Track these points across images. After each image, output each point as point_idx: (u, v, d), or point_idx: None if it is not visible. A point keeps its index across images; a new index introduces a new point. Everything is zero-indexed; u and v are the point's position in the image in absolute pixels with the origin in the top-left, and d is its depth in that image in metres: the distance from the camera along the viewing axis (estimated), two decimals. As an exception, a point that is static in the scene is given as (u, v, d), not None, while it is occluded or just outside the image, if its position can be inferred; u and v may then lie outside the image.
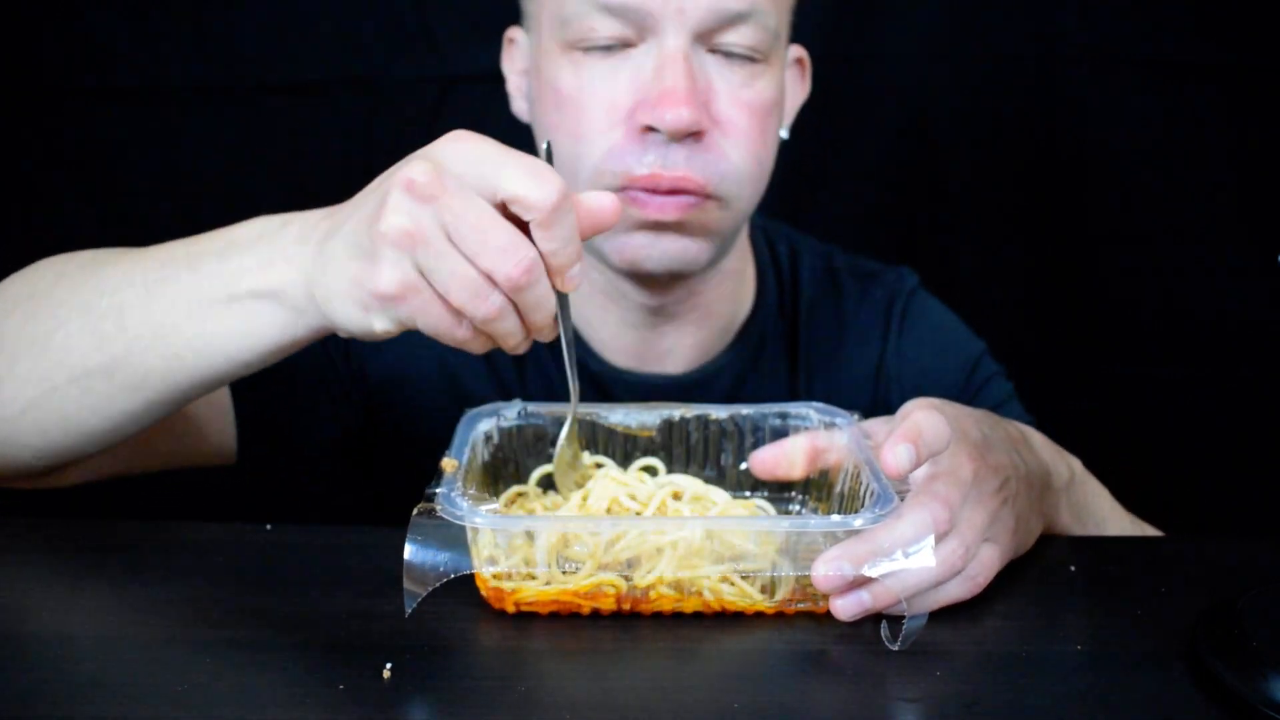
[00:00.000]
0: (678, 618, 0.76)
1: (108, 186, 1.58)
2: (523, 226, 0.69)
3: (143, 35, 1.55)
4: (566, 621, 0.75)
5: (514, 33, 1.11)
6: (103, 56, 1.55)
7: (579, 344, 1.12)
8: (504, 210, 0.69)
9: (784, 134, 1.08)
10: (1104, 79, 1.58)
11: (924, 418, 0.76)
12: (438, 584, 0.69)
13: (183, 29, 1.55)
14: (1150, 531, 1.08)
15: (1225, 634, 0.70)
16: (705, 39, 0.97)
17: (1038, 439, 0.95)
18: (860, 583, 0.73)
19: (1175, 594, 0.80)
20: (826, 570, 0.72)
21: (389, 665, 0.68)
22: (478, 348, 0.72)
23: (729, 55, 0.98)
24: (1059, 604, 0.81)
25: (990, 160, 1.63)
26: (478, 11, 1.06)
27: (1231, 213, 1.61)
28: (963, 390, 1.16)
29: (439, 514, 0.71)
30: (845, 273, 1.22)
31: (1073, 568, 0.85)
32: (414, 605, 0.69)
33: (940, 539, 0.73)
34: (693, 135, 0.96)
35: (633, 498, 0.83)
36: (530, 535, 0.74)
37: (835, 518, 0.75)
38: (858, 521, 0.72)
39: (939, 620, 0.74)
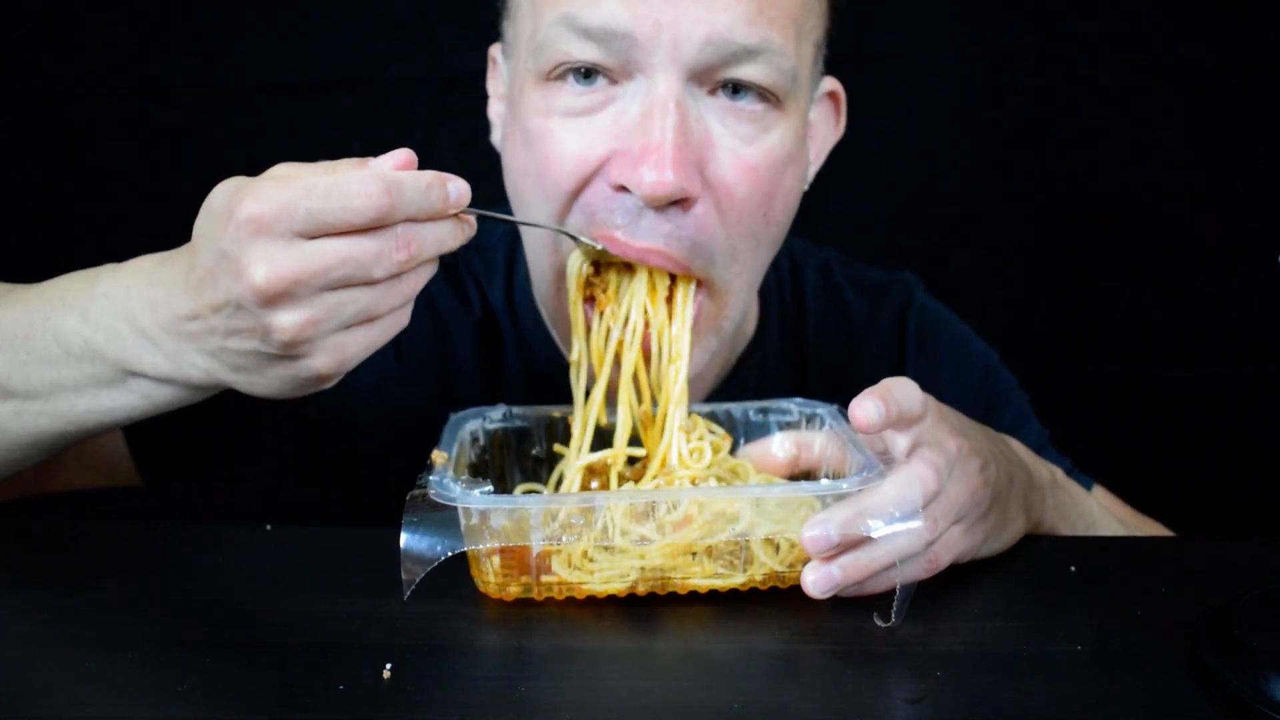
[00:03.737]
0: (677, 618, 0.76)
1: (108, 186, 1.59)
2: None
3: (143, 36, 1.55)
4: (567, 622, 0.76)
5: (495, 52, 0.99)
6: (103, 57, 1.55)
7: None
8: None
9: (804, 186, 0.96)
10: (1105, 79, 1.58)
11: (895, 382, 0.76)
12: (434, 564, 0.70)
13: (183, 29, 1.55)
14: (1150, 526, 1.07)
15: (1225, 634, 0.70)
16: (704, 78, 0.82)
17: (1015, 443, 0.94)
18: (836, 555, 0.73)
19: (1175, 594, 0.80)
20: (813, 532, 0.72)
21: (389, 665, 0.68)
22: (411, 305, 0.72)
23: (734, 98, 0.84)
24: (1059, 604, 0.81)
25: (990, 160, 1.63)
26: (478, 12, 1.06)
27: (1231, 213, 1.61)
28: (985, 413, 1.10)
29: (432, 497, 0.72)
30: (847, 286, 1.15)
31: (1073, 568, 0.85)
32: (412, 588, 0.69)
33: (927, 501, 0.73)
34: (676, 203, 0.83)
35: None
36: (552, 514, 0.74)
37: (825, 482, 0.76)
38: (846, 485, 0.73)
39: (939, 621, 0.74)
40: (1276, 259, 1.58)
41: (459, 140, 1.58)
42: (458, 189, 0.70)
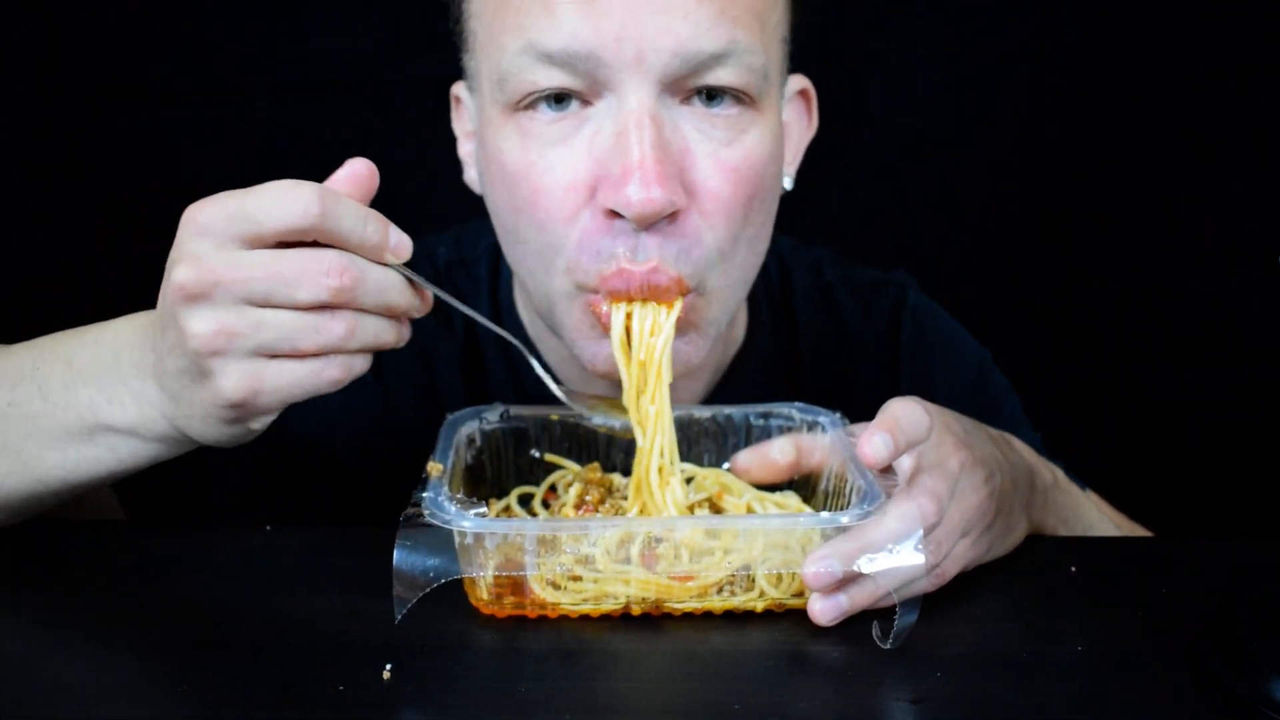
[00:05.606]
0: (677, 620, 0.76)
1: (108, 187, 1.59)
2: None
3: (142, 36, 1.55)
4: (566, 623, 0.75)
5: (459, 89, 0.97)
6: (103, 58, 1.55)
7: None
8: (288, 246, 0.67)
9: (787, 184, 0.94)
10: (1102, 79, 1.58)
11: (901, 408, 0.76)
12: (427, 589, 0.69)
13: (183, 29, 1.55)
14: (1140, 533, 1.07)
15: (1225, 634, 0.70)
16: (676, 88, 0.81)
17: (1018, 442, 0.94)
18: (843, 584, 0.73)
19: (1175, 594, 0.80)
20: (816, 568, 0.72)
21: (389, 666, 0.68)
22: (361, 368, 0.71)
23: (709, 105, 0.82)
24: (1059, 604, 0.81)
25: (987, 160, 1.63)
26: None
27: (1231, 213, 1.61)
28: (979, 416, 1.09)
29: (426, 519, 0.71)
30: (839, 286, 1.13)
31: (1073, 568, 0.85)
32: (404, 611, 0.68)
33: (928, 532, 0.73)
34: (665, 217, 0.81)
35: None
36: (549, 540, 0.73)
37: (825, 515, 0.75)
38: (845, 518, 0.73)
39: (939, 621, 0.74)
40: (1276, 259, 1.58)
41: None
42: (400, 236, 0.69)
